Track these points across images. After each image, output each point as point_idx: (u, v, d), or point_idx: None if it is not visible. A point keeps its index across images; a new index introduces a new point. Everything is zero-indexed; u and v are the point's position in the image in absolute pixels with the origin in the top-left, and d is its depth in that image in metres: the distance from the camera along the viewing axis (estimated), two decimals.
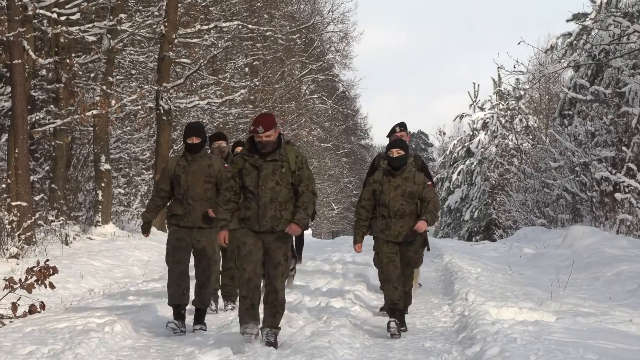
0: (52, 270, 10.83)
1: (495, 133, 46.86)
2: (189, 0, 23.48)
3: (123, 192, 24.74)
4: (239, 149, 11.38)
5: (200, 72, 24.28)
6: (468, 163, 48.98)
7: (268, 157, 8.39)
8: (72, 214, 20.19)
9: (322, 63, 47.71)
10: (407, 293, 9.83)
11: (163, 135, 21.87)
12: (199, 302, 9.67)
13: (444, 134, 64.38)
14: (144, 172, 25.51)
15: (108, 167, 20.96)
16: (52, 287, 10.93)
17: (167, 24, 21.55)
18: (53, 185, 20.04)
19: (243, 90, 24.69)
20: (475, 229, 46.26)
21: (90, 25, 19.47)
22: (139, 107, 22.19)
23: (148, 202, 9.98)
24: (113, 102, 19.72)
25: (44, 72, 20.21)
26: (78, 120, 19.08)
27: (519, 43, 21.08)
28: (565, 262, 15.92)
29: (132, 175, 25.50)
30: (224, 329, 9.59)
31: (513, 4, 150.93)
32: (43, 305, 10.87)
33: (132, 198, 24.65)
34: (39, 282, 10.79)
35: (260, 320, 8.50)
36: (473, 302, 11.07)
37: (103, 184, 20.73)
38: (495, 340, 8.21)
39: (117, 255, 17.10)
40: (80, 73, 20.64)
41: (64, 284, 12.99)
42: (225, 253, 10.87)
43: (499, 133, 46.24)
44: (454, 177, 49.33)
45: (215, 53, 24.83)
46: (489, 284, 13.33)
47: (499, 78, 48.32)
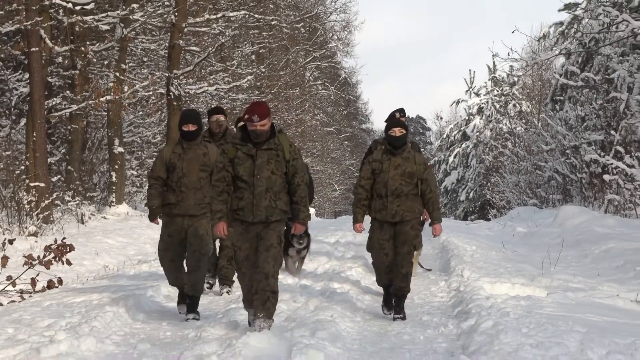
0: (68, 248, 10.94)
1: (490, 118, 47.29)
2: None
3: (136, 173, 24.94)
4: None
5: (209, 59, 24.22)
6: (464, 146, 49.55)
7: (263, 145, 7.99)
8: (87, 195, 20.48)
9: (325, 51, 47.94)
10: (405, 276, 9.22)
11: (173, 120, 21.65)
12: (191, 288, 9.17)
13: (441, 119, 64.65)
14: (156, 154, 25.32)
15: (121, 150, 21.26)
16: (69, 263, 11.08)
17: (177, 14, 21.61)
18: (69, 167, 20.45)
19: (250, 77, 24.91)
20: (471, 209, 46.77)
21: (104, 15, 19.82)
22: (151, 92, 22.51)
23: (148, 190, 9.49)
24: (126, 88, 20.07)
25: (60, 59, 20.58)
26: (92, 106, 19.45)
27: (513, 32, 21.94)
28: (556, 240, 16.09)
29: (144, 158, 25.68)
30: (232, 304, 9.63)
31: None
32: (60, 281, 11.14)
33: (144, 179, 24.61)
34: (57, 259, 10.89)
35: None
36: (468, 278, 11.18)
37: (117, 166, 21.00)
38: (489, 314, 8.33)
39: (130, 234, 17.37)
40: (95, 60, 20.97)
41: (80, 261, 13.23)
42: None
43: (494, 118, 46.68)
44: (451, 159, 49.86)
45: (223, 41, 24.91)
46: (484, 261, 13.45)
47: (494, 65, 48.81)
